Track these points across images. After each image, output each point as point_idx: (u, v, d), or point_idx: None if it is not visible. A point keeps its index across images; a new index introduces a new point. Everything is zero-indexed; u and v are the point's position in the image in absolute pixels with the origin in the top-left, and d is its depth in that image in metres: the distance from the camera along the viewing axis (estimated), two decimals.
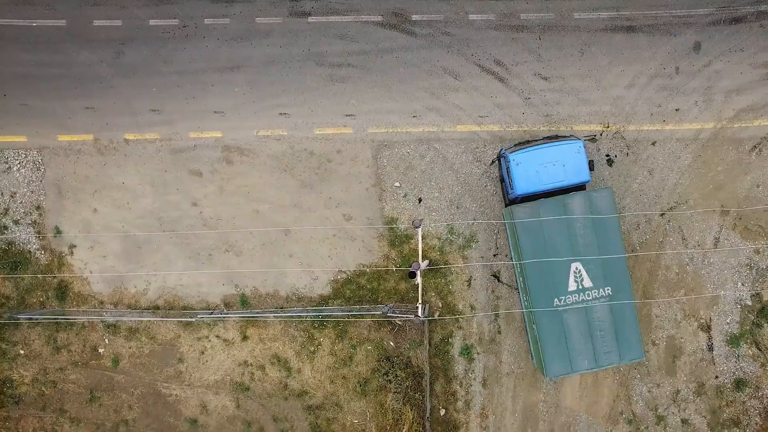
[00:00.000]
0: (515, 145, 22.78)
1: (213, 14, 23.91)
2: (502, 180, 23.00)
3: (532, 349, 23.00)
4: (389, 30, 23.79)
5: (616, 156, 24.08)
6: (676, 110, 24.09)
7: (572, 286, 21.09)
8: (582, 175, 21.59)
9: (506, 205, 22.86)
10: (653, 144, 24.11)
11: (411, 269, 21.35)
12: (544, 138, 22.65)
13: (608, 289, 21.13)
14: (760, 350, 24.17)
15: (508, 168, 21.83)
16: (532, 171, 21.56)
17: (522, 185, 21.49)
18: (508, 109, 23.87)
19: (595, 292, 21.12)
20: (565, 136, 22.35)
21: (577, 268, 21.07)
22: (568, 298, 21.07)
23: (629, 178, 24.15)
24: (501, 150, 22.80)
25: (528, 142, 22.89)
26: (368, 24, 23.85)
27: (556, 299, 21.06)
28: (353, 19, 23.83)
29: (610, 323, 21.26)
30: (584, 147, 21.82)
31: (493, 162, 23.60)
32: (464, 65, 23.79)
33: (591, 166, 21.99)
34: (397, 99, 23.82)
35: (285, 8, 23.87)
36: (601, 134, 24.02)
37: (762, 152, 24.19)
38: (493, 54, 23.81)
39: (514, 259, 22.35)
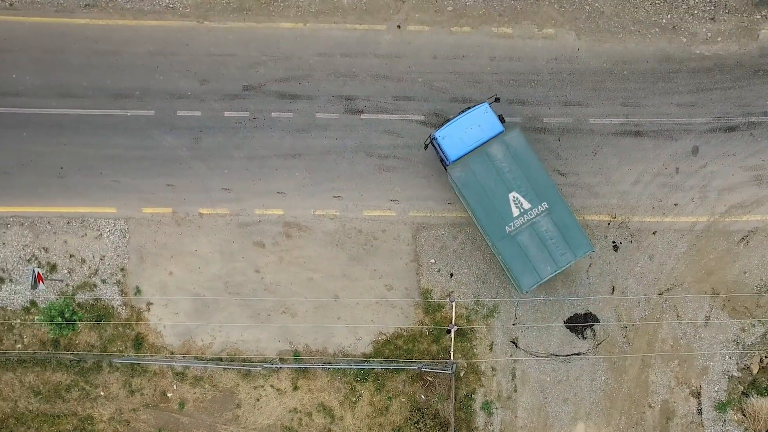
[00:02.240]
0: (438, 127, 26.78)
1: (279, 109, 27.95)
2: (441, 159, 26.82)
3: (507, 274, 26.84)
4: (430, 128, 27.77)
5: (621, 243, 27.91)
6: (675, 205, 27.95)
7: (515, 212, 25.25)
8: (496, 128, 25.83)
9: (444, 169, 26.90)
10: (654, 233, 27.95)
11: (447, 328, 25.87)
12: (458, 113, 26.54)
13: (544, 204, 25.22)
14: (744, 416, 27.77)
15: (439, 145, 26.12)
16: (456, 139, 25.90)
17: (453, 153, 25.85)
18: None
19: (535, 210, 25.24)
20: (473, 105, 26.57)
21: (514, 197, 25.27)
22: (516, 222, 25.24)
23: (632, 262, 27.96)
24: (430, 135, 26.58)
25: (447, 120, 26.86)
26: (412, 122, 27.84)
27: (507, 227, 25.21)
28: (399, 117, 27.83)
29: (556, 230, 25.21)
30: (490, 106, 25.88)
31: (426, 146, 27.33)
32: None
33: (501, 119, 26.25)
34: (434, 188, 27.76)
35: (341, 106, 27.91)
36: (609, 224, 27.89)
37: (749, 243, 27.99)
38: None
39: (467, 209, 26.74)
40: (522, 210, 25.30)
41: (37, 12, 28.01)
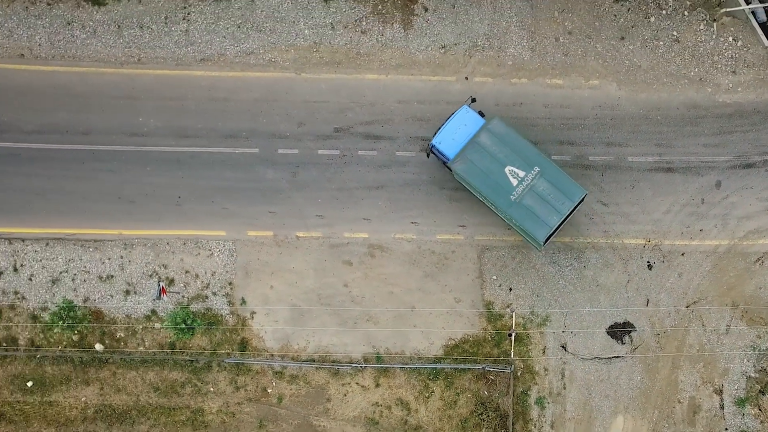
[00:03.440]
0: (433, 136, 31.46)
1: (364, 147, 32.92)
2: (443, 162, 31.62)
3: (524, 237, 31.51)
4: None
5: (654, 263, 32.83)
6: (700, 230, 32.86)
7: (514, 182, 29.87)
8: (479, 122, 30.69)
9: (449, 169, 31.38)
10: (682, 254, 32.86)
11: (508, 332, 31.46)
12: (445, 120, 31.48)
13: (536, 168, 29.79)
14: (761, 411, 32.62)
15: (438, 150, 31.03)
16: (450, 141, 30.73)
17: (451, 152, 30.64)
18: (576, 227, 32.66)
19: (529, 176, 29.82)
20: (455, 110, 31.34)
21: (509, 170, 29.88)
22: (517, 189, 29.83)
23: (663, 279, 32.85)
24: (428, 145, 31.56)
25: (438, 129, 31.50)
26: None
27: (511, 196, 29.83)
28: None
29: (551, 186, 29.72)
30: (469, 107, 30.76)
31: (428, 155, 32.28)
32: None
33: (481, 114, 31.04)
34: (496, 216, 32.61)
35: (418, 146, 32.87)
36: (644, 246, 32.82)
37: (764, 263, 32.89)
38: None
39: (476, 194, 31.24)
40: (519, 179, 29.96)
41: (160, 65, 33.04)
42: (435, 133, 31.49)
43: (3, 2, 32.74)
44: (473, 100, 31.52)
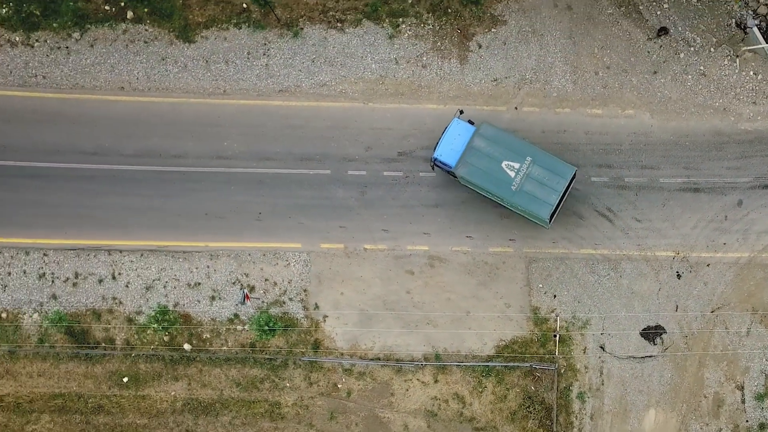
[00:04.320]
0: (433, 151, 35.25)
1: (425, 170, 36.90)
2: (447, 172, 35.51)
3: (532, 220, 35.34)
4: None
5: (683, 273, 36.82)
6: (724, 244, 36.85)
7: (512, 174, 33.74)
8: (470, 130, 34.34)
9: (455, 177, 35.31)
10: (708, 265, 36.85)
11: (553, 334, 35.46)
12: (440, 134, 35.25)
13: (528, 158, 33.67)
14: None
15: (441, 162, 34.96)
16: (449, 151, 34.65)
17: (452, 161, 34.44)
18: (613, 240, 36.64)
19: (524, 166, 33.62)
20: (447, 125, 35.01)
21: (506, 164, 33.71)
22: (515, 180, 33.69)
23: (691, 287, 36.83)
24: (432, 159, 35.41)
25: (436, 143, 35.21)
26: None
27: (511, 186, 33.68)
28: None
29: (545, 170, 33.56)
30: (459, 118, 34.63)
31: (433, 168, 36.15)
32: (587, 210, 36.71)
33: (471, 122, 34.76)
34: (542, 229, 36.67)
35: None
36: (674, 258, 36.80)
37: None
38: (605, 203, 36.73)
39: (483, 193, 34.87)
40: (516, 170, 33.77)
41: (243, 96, 37.09)
42: (435, 148, 35.34)
43: (106, 41, 36.82)
44: (461, 112, 35.56)
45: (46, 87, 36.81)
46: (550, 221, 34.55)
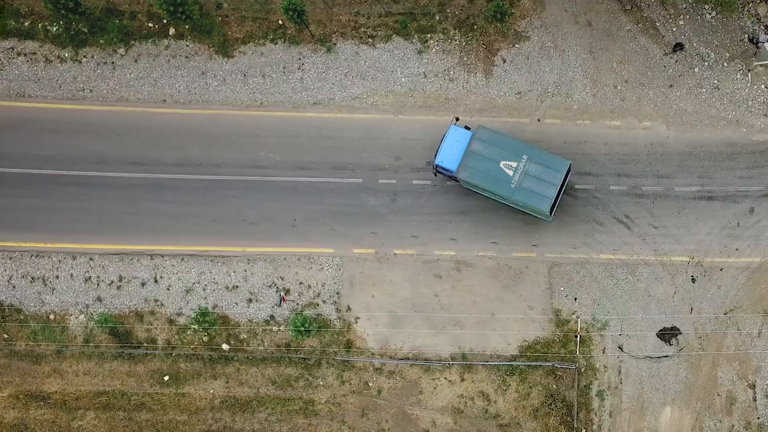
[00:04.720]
0: (434, 158, 37.01)
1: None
2: (450, 177, 37.33)
3: (534, 215, 37.18)
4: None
5: (697, 276, 38.68)
6: (736, 249, 38.69)
7: (510, 173, 35.68)
8: (467, 135, 36.11)
9: (456, 180, 37.22)
10: (721, 270, 38.71)
11: (574, 335, 37.01)
12: (439, 142, 37.01)
13: (524, 156, 35.60)
14: None
15: (443, 168, 36.73)
16: (449, 156, 36.52)
17: (453, 166, 36.27)
18: (631, 246, 38.51)
19: (521, 164, 35.60)
20: (444, 132, 36.71)
21: (504, 164, 35.64)
22: (514, 178, 35.61)
23: (705, 290, 38.69)
24: (434, 165, 37.14)
25: (436, 151, 36.98)
26: None
27: (511, 184, 35.57)
28: None
29: (541, 167, 35.50)
30: (455, 125, 36.30)
31: (435, 174, 37.94)
32: (605, 217, 38.60)
33: (467, 128, 36.48)
34: (563, 235, 38.54)
35: None
36: (689, 263, 38.68)
37: None
38: (623, 211, 38.61)
39: (485, 193, 36.70)
40: (513, 169, 35.67)
41: (278, 108, 38.98)
42: (435, 155, 37.14)
43: (150, 56, 38.74)
44: (457, 119, 37.39)
45: (92, 100, 38.71)
46: (551, 214, 36.31)
